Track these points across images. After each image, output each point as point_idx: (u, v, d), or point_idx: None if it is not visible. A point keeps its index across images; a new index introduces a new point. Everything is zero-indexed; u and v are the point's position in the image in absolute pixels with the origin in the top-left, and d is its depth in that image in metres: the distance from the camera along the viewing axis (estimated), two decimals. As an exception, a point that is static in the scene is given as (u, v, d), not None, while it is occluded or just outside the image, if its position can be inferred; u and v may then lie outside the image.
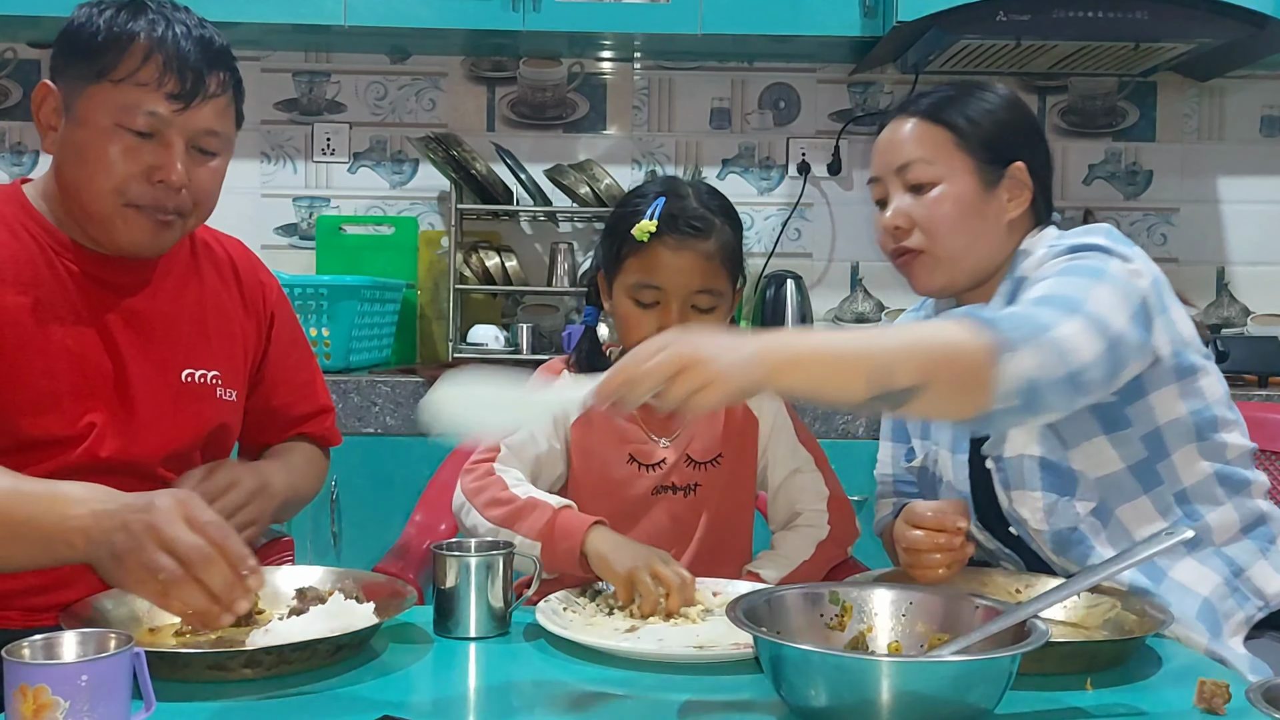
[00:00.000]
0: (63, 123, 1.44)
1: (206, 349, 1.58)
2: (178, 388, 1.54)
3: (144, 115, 1.40)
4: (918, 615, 1.22)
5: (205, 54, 1.43)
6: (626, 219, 1.61)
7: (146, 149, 1.41)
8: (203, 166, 1.46)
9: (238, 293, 1.66)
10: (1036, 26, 2.79)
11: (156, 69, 1.40)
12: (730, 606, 1.16)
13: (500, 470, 1.61)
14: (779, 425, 1.72)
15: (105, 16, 1.41)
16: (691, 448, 1.68)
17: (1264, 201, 3.38)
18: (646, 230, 1.57)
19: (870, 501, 1.78)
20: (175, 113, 1.41)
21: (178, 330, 1.56)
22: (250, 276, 1.69)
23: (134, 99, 1.39)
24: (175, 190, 1.43)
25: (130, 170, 1.41)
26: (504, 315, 3.36)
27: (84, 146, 1.41)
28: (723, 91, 3.40)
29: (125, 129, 1.40)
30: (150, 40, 1.40)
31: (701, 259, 1.58)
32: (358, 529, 2.69)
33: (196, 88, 1.41)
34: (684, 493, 1.67)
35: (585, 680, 1.23)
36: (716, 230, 1.60)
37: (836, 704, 1.04)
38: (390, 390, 2.73)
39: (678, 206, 1.60)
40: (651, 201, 1.60)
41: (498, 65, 3.38)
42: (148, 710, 1.03)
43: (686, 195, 1.62)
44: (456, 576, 1.35)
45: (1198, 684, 1.14)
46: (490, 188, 3.10)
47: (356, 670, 1.23)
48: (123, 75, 1.39)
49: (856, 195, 3.40)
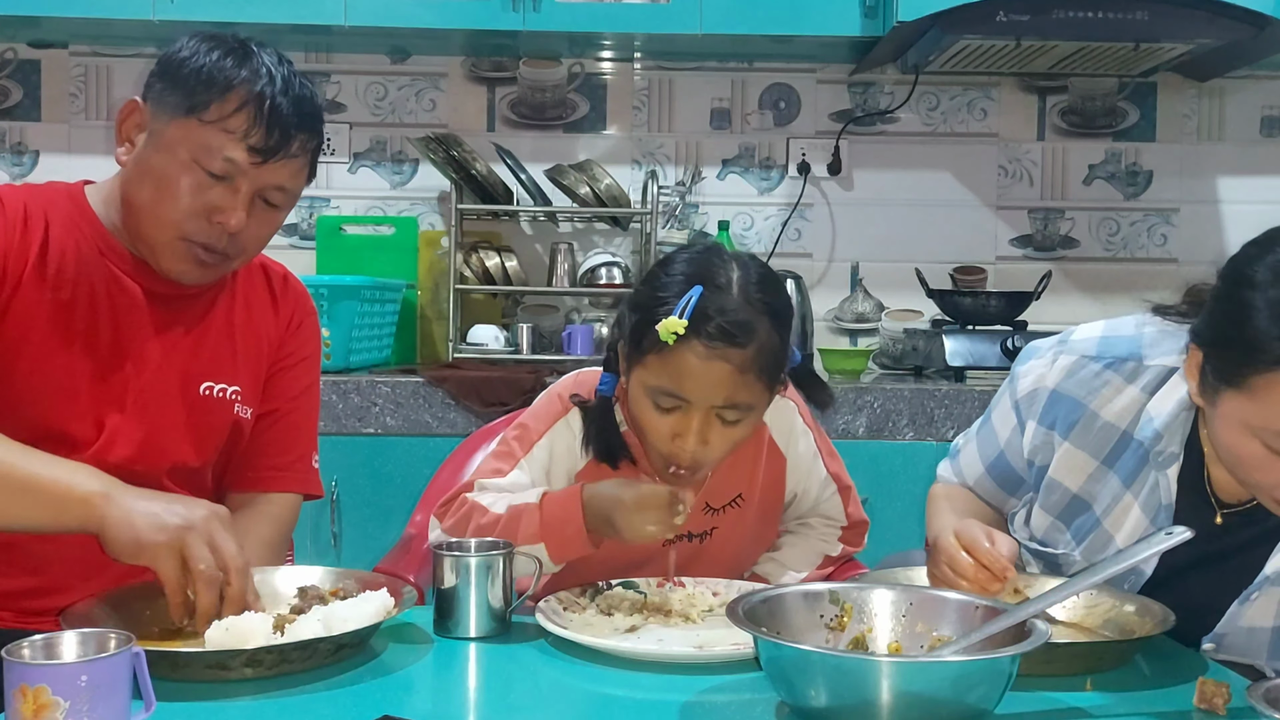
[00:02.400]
0: (141, 141, 1.45)
1: (231, 363, 1.58)
2: (195, 400, 1.55)
3: (222, 160, 1.41)
4: (918, 615, 1.22)
5: (298, 114, 1.44)
6: (653, 307, 1.40)
7: (215, 190, 1.42)
8: (262, 216, 1.48)
9: (273, 314, 1.65)
10: (1036, 26, 2.79)
11: (247, 120, 1.41)
12: (730, 606, 1.16)
13: (474, 497, 1.51)
14: (808, 460, 1.61)
15: (212, 57, 1.43)
16: (710, 495, 1.57)
17: (1264, 201, 3.38)
18: (672, 331, 1.36)
19: (871, 501, 1.77)
20: (252, 164, 1.42)
21: (205, 342, 1.56)
22: (290, 304, 1.67)
23: (217, 142, 1.41)
24: (232, 233, 1.44)
25: (194, 206, 1.42)
26: (504, 315, 3.36)
27: (158, 173, 1.43)
28: (723, 91, 3.39)
29: (200, 166, 1.41)
30: (248, 90, 1.41)
31: (735, 371, 1.38)
32: (358, 529, 2.69)
33: (279, 146, 1.43)
34: (699, 539, 1.59)
35: (585, 680, 1.23)
36: (758, 336, 1.39)
37: (836, 704, 1.04)
38: (390, 390, 2.73)
39: (715, 305, 1.38)
40: (682, 290, 1.39)
41: (498, 65, 3.38)
42: (148, 710, 1.03)
43: (728, 288, 1.40)
44: (456, 576, 1.35)
45: (1198, 684, 1.14)
46: (490, 188, 3.10)
47: (356, 670, 1.22)
48: (213, 118, 1.41)
49: (856, 195, 3.40)
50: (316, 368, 1.71)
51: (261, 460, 1.63)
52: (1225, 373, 1.24)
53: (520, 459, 1.55)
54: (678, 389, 1.40)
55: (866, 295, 3.36)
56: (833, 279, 3.41)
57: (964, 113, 3.40)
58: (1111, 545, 1.40)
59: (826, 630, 1.22)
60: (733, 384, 1.39)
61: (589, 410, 1.53)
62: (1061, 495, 1.46)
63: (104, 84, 3.35)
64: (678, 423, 1.41)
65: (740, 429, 1.43)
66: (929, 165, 3.40)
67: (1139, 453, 1.38)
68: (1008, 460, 1.55)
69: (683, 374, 1.38)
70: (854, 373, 3.05)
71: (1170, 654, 1.31)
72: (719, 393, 1.39)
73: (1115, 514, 1.40)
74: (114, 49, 3.33)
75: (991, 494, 1.61)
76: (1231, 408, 1.24)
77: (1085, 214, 3.41)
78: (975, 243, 3.39)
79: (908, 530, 2.43)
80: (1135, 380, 1.40)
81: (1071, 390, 1.43)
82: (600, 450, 1.51)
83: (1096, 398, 1.41)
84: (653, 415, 1.43)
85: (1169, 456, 1.35)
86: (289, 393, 1.66)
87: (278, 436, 1.65)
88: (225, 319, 1.59)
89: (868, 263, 3.40)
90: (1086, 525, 1.44)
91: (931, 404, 2.74)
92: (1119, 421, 1.40)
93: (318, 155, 1.53)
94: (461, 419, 2.72)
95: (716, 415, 1.41)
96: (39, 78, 3.36)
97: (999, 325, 3.03)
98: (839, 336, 3.39)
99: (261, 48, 1.48)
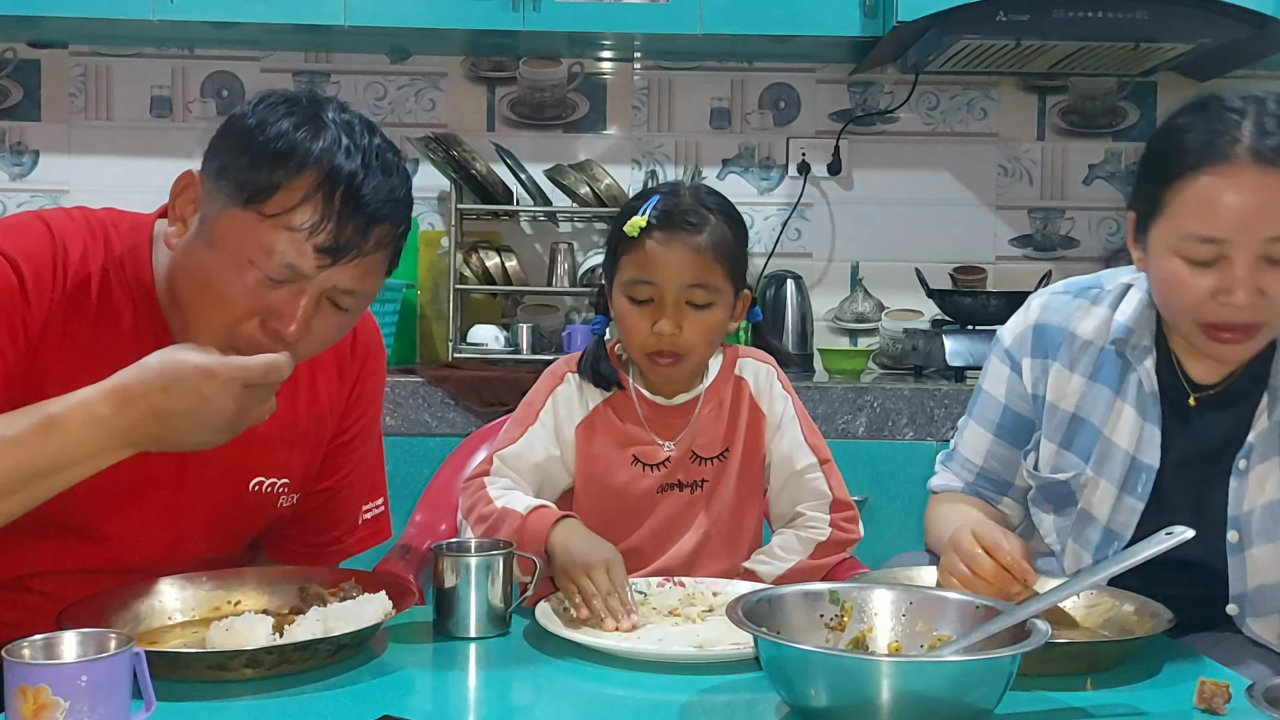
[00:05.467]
0: (194, 225, 1.25)
1: (286, 454, 1.43)
2: (240, 498, 1.40)
3: (282, 266, 1.20)
4: (918, 615, 1.22)
5: (378, 203, 1.22)
6: (623, 220, 1.62)
7: (273, 294, 1.22)
8: (329, 319, 1.26)
9: (338, 381, 1.48)
10: (1036, 26, 2.79)
11: (314, 212, 1.19)
12: (730, 606, 1.16)
13: (489, 482, 1.61)
14: (786, 423, 1.71)
15: (282, 126, 1.20)
16: (696, 444, 1.67)
17: (1264, 201, 3.38)
18: (637, 225, 1.57)
19: (871, 501, 1.77)
20: (318, 268, 1.21)
21: (264, 433, 1.34)
22: (358, 362, 1.51)
23: (279, 245, 1.20)
24: (290, 342, 1.24)
25: (248, 309, 1.22)
26: (504, 315, 3.36)
27: (207, 270, 1.22)
28: (722, 91, 3.39)
29: (257, 268, 1.21)
30: (319, 173, 1.19)
31: (692, 252, 1.57)
32: (358, 529, 2.68)
33: (351, 245, 1.21)
34: (690, 489, 1.66)
35: (585, 680, 1.23)
36: (710, 226, 1.59)
37: (836, 704, 1.04)
38: (390, 390, 2.73)
39: (671, 203, 1.60)
40: (648, 201, 1.61)
41: (498, 65, 3.38)
42: (148, 710, 1.03)
43: (682, 194, 1.63)
44: (456, 576, 1.35)
45: (1198, 684, 1.14)
46: (490, 188, 3.10)
47: (356, 670, 1.23)
48: (275, 211, 1.19)
49: (856, 195, 3.40)
50: (377, 422, 1.56)
51: (298, 535, 1.54)
52: (1148, 212, 1.38)
53: (530, 427, 1.65)
54: (646, 275, 1.58)
55: (866, 295, 3.36)
56: (833, 279, 3.41)
57: (964, 112, 3.40)
58: (1114, 451, 1.50)
59: (826, 630, 1.22)
60: (693, 265, 1.57)
61: (586, 350, 1.69)
62: (1061, 418, 1.56)
63: (104, 84, 3.35)
64: (654, 312, 1.58)
65: (709, 314, 1.59)
66: (929, 165, 3.40)
67: (1118, 361, 1.51)
68: (1014, 412, 1.63)
69: (648, 261, 1.58)
70: (854, 373, 3.05)
71: (1170, 654, 1.31)
72: (683, 273, 1.57)
73: (1111, 420, 1.51)
74: (114, 49, 3.33)
75: (1004, 460, 1.65)
76: (1156, 239, 1.38)
77: (1085, 214, 3.41)
78: (975, 243, 3.39)
79: (908, 530, 2.43)
80: (1100, 302, 1.55)
81: (1051, 319, 1.58)
82: (594, 377, 1.66)
83: (1071, 320, 1.56)
84: (631, 311, 1.60)
85: (1143, 349, 1.48)
86: (345, 468, 1.54)
87: (322, 514, 1.54)
88: (289, 405, 1.39)
89: (868, 262, 3.40)
90: (1089, 439, 1.54)
91: (931, 404, 2.74)
92: (1095, 338, 1.54)
93: (401, 246, 1.29)
94: (461, 419, 2.72)
95: (686, 303, 1.58)
96: (39, 78, 3.36)
97: (999, 325, 3.01)
98: (839, 336, 3.39)
99: (341, 110, 1.24)
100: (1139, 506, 1.49)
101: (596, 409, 1.67)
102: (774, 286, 3.17)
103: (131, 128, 3.34)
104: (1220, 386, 1.47)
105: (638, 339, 1.61)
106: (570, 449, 1.66)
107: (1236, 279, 1.31)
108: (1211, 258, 1.32)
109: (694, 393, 1.68)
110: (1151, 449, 1.48)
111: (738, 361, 1.71)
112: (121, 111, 3.35)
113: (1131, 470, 1.49)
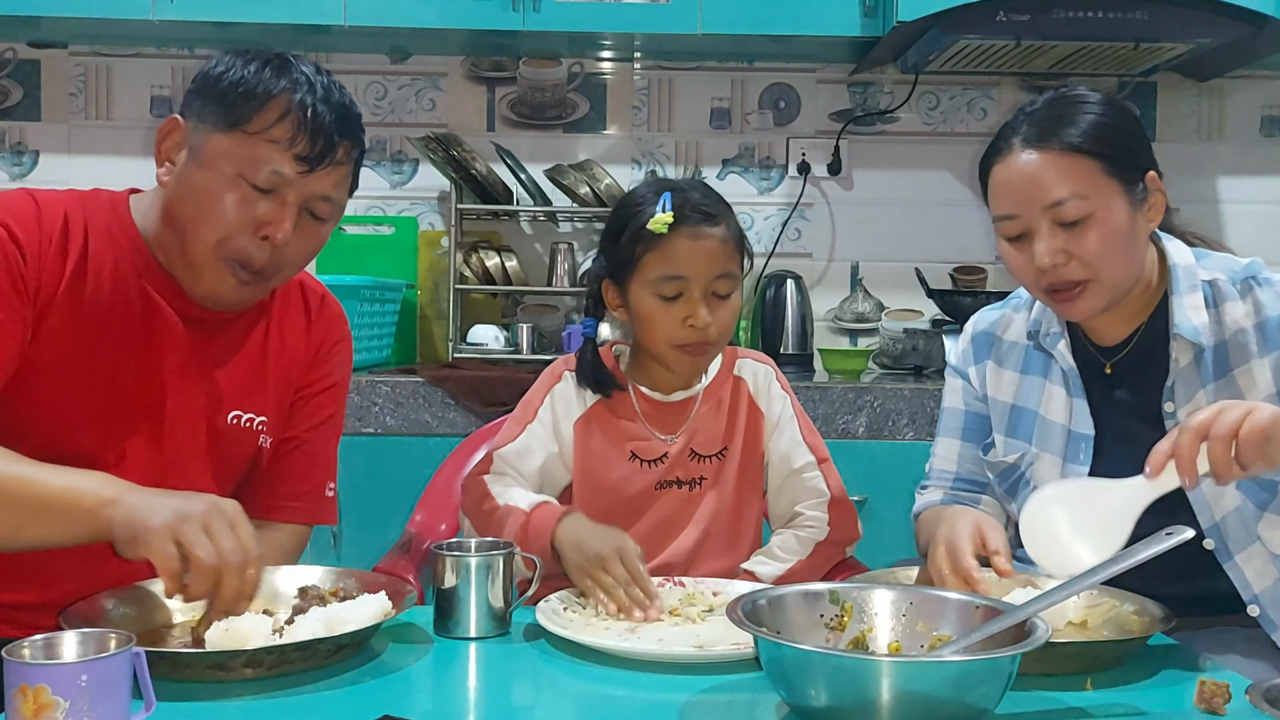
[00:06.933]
0: (182, 159, 1.43)
1: (261, 391, 1.55)
2: (222, 428, 1.52)
3: (268, 172, 1.39)
4: (918, 615, 1.22)
5: (340, 121, 1.43)
6: (635, 219, 1.62)
7: (261, 204, 1.40)
8: (308, 230, 1.45)
9: (305, 337, 1.62)
10: (1036, 26, 2.79)
11: (290, 128, 1.39)
12: (730, 606, 1.16)
13: (490, 480, 1.63)
14: (784, 422, 1.72)
15: (250, 69, 1.41)
16: (695, 441, 1.68)
17: (1264, 201, 3.38)
18: (664, 222, 1.59)
19: (871, 501, 1.78)
20: (299, 174, 1.40)
21: (237, 369, 1.53)
22: (323, 327, 1.64)
23: (263, 154, 1.39)
24: (277, 248, 1.42)
25: (240, 221, 1.40)
26: (504, 315, 3.36)
27: (201, 189, 1.40)
28: (723, 91, 3.40)
29: (246, 181, 1.39)
30: (290, 99, 1.40)
31: (719, 243, 1.61)
32: (358, 529, 2.68)
33: (325, 153, 1.41)
34: (688, 486, 1.67)
35: (585, 680, 1.23)
36: (725, 215, 1.64)
37: (836, 704, 1.04)
38: (390, 390, 2.73)
39: (684, 199, 1.62)
40: (653, 200, 1.62)
41: (498, 65, 3.38)
42: (148, 710, 1.03)
43: (687, 189, 1.65)
44: (456, 576, 1.35)
45: (1198, 684, 1.14)
46: (490, 188, 3.10)
47: (356, 670, 1.23)
48: (256, 129, 1.39)
49: (856, 195, 3.40)
50: (342, 395, 1.68)
51: (276, 489, 1.60)
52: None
53: (528, 425, 1.67)
54: (678, 270, 1.59)
55: (866, 295, 3.36)
56: (833, 279, 3.41)
57: (964, 112, 3.40)
58: (1052, 428, 1.63)
59: (826, 630, 1.22)
60: (721, 254, 1.61)
61: (579, 355, 1.72)
62: (1002, 410, 1.70)
63: (104, 84, 3.35)
64: (684, 306, 1.60)
65: (732, 302, 1.64)
66: (929, 165, 3.40)
67: (1039, 353, 1.67)
68: (973, 413, 1.75)
69: (680, 256, 1.60)
70: (854, 373, 3.05)
71: (1170, 654, 1.32)
72: (713, 264, 1.60)
73: (1044, 401, 1.65)
74: (114, 49, 3.34)
75: (976, 461, 1.74)
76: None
77: (1085, 214, 3.41)
78: (975, 243, 3.38)
79: (908, 530, 2.42)
80: (1020, 309, 1.73)
81: (984, 327, 1.76)
82: (592, 383, 1.68)
83: (998, 326, 1.74)
84: (660, 308, 1.61)
85: (1054, 336, 1.64)
86: (311, 421, 1.62)
87: (294, 465, 1.61)
88: (260, 345, 1.56)
89: (868, 262, 3.40)
90: (1029, 422, 1.67)
91: (931, 404, 2.73)
92: (1019, 338, 1.71)
93: (360, 164, 1.50)
94: (461, 419, 2.72)
95: (712, 292, 1.61)
96: (39, 78, 3.36)
97: (999, 325, 3.02)
98: (839, 336, 3.39)
99: (299, 59, 1.46)
100: (1084, 471, 1.58)
101: (594, 405, 1.68)
102: (774, 286, 3.17)
103: (131, 128, 3.34)
104: (1127, 349, 1.59)
105: (666, 332, 1.62)
106: (569, 445, 1.67)
107: (1039, 251, 1.51)
108: (1020, 231, 1.53)
109: (693, 390, 1.68)
110: (1083, 419, 1.59)
111: (737, 361, 1.72)
112: (121, 111, 3.36)
113: (1070, 442, 1.61)
